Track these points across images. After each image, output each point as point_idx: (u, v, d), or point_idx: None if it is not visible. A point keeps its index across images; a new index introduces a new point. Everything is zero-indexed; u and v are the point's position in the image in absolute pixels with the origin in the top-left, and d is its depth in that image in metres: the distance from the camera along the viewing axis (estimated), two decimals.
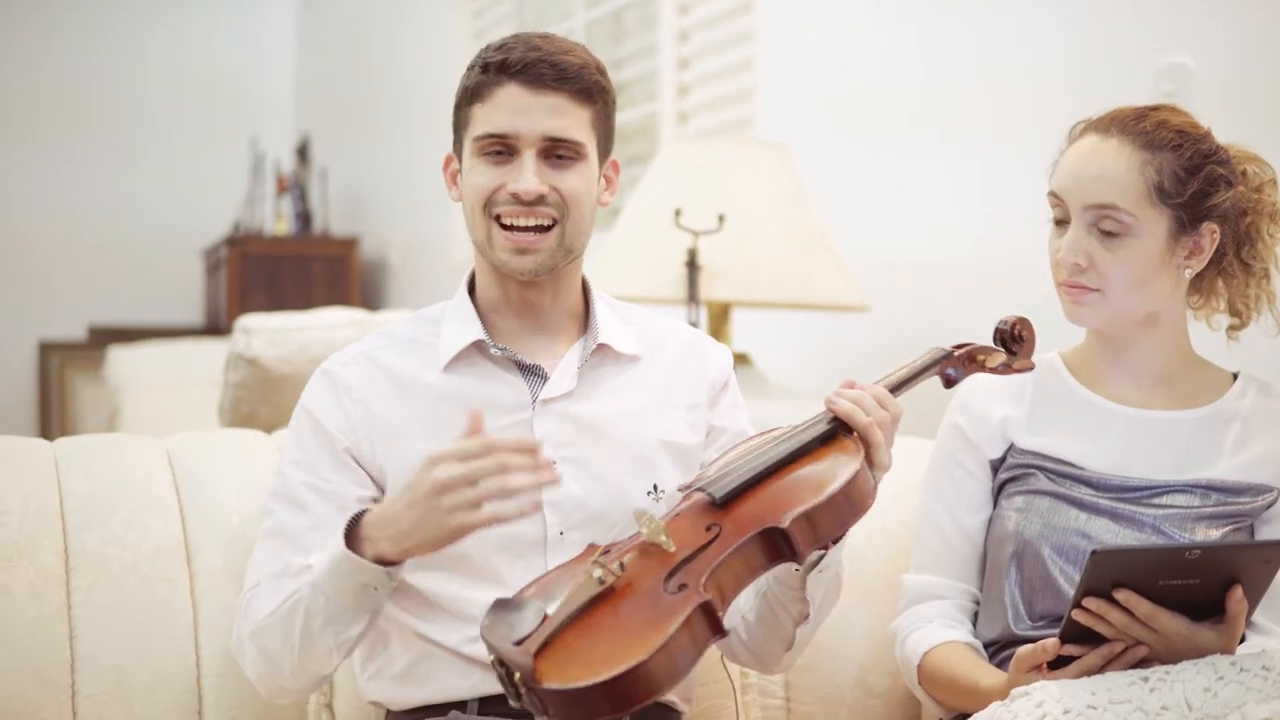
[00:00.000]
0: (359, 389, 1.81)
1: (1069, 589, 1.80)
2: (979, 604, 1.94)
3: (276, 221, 6.70)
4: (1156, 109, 1.87)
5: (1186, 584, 1.61)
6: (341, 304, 5.34)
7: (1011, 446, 1.93)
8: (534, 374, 1.82)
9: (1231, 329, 1.94)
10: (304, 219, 6.69)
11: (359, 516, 1.65)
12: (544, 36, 1.80)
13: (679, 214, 2.93)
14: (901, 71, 3.31)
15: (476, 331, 1.82)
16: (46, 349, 6.97)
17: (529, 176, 1.76)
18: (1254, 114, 2.41)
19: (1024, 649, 1.68)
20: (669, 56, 4.21)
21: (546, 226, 1.78)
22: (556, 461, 1.78)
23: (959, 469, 1.95)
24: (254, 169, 6.78)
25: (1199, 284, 1.93)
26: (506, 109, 1.76)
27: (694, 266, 2.90)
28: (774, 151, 3.10)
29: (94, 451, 2.00)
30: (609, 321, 1.87)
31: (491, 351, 1.82)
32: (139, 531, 1.92)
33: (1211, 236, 1.85)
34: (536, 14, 5.27)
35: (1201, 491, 1.85)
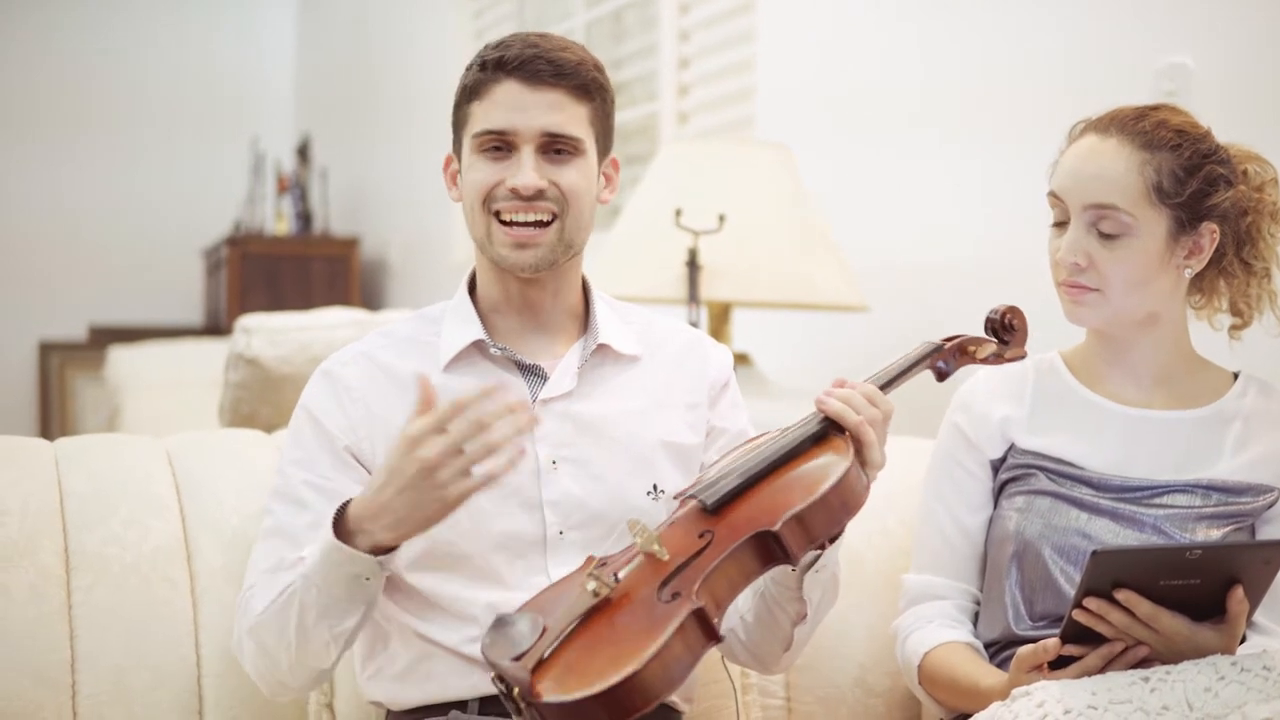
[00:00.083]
0: (359, 388, 1.81)
1: (1069, 589, 1.80)
2: (979, 604, 1.94)
3: (277, 221, 6.71)
4: (1156, 109, 1.87)
5: (1187, 584, 1.61)
6: (342, 304, 5.34)
7: (1012, 446, 1.93)
8: (534, 374, 1.82)
9: (1233, 329, 1.94)
10: (304, 219, 6.69)
11: (344, 508, 1.64)
12: (542, 35, 1.81)
13: (679, 214, 2.93)
14: (901, 71, 3.31)
15: (476, 331, 1.82)
16: (47, 349, 6.98)
17: (527, 171, 1.76)
18: (1254, 114, 2.41)
19: (1025, 649, 1.68)
20: (669, 56, 4.21)
21: (546, 222, 1.78)
22: (556, 461, 1.79)
23: (959, 469, 1.95)
24: (254, 169, 6.78)
25: (1200, 284, 1.92)
26: (504, 105, 1.76)
27: (694, 266, 2.90)
28: (774, 151, 3.10)
29: (94, 451, 2.00)
30: (609, 321, 1.87)
31: (491, 351, 1.82)
32: (139, 531, 1.92)
33: (1211, 236, 1.85)
34: (536, 14, 5.27)
35: (1202, 491, 1.85)
